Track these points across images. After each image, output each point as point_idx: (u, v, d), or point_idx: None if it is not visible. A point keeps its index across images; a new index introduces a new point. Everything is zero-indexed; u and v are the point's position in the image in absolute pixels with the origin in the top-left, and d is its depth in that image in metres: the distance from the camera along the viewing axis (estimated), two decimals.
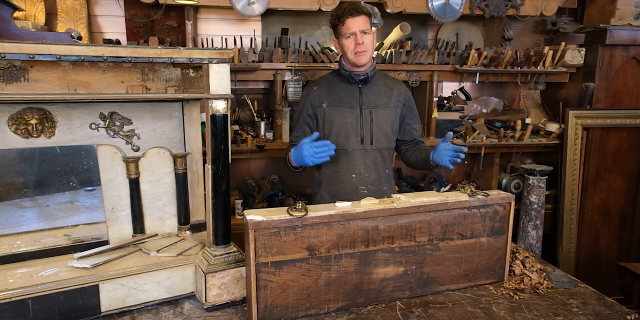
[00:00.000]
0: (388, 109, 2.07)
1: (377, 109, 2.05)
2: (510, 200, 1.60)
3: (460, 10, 3.00)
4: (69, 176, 1.65)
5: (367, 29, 1.94)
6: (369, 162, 2.07)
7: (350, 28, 1.92)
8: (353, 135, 2.04)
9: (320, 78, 2.17)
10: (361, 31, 1.92)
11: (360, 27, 1.92)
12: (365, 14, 1.94)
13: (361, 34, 1.92)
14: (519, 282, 1.63)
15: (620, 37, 3.17)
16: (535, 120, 3.53)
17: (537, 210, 3.14)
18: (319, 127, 2.09)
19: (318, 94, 2.08)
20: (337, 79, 2.10)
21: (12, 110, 1.38)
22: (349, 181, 2.07)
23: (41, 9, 2.63)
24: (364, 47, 1.94)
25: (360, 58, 1.97)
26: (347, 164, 2.06)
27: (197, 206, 1.73)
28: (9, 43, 1.13)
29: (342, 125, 2.03)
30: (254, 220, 1.28)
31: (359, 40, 1.93)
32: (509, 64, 3.11)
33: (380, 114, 2.05)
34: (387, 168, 2.14)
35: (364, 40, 1.93)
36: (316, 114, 2.08)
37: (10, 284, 1.29)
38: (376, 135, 2.05)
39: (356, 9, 1.92)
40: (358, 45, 1.94)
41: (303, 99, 2.13)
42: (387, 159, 2.14)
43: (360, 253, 1.42)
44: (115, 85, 1.45)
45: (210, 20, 3.04)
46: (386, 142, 2.09)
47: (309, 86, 2.15)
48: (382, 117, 2.06)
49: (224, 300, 1.46)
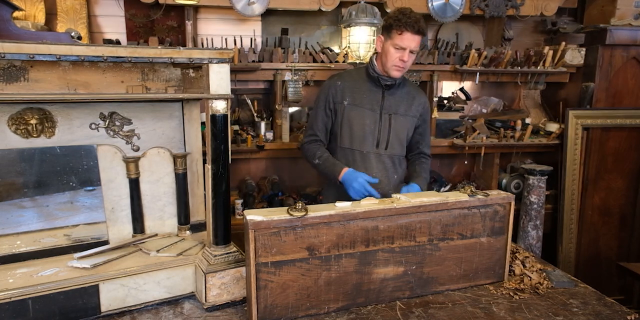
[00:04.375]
0: (407, 117, 2.07)
1: (396, 116, 2.05)
2: (510, 200, 1.60)
3: (460, 10, 3.00)
4: (69, 176, 1.65)
5: (417, 49, 1.95)
6: (381, 166, 2.08)
7: (405, 43, 1.90)
8: (370, 137, 2.04)
9: (345, 73, 2.15)
10: (411, 51, 1.92)
11: (413, 46, 1.91)
12: (424, 35, 1.93)
13: (410, 53, 1.92)
14: (519, 282, 1.63)
15: (620, 37, 3.17)
16: (535, 120, 3.53)
17: (537, 210, 3.14)
18: (336, 123, 2.07)
19: (342, 89, 2.06)
20: (363, 79, 2.08)
21: (12, 110, 1.38)
22: None
23: (41, 9, 2.63)
24: (405, 65, 1.95)
25: (396, 73, 1.97)
26: (361, 165, 2.05)
27: (197, 206, 1.73)
28: (9, 43, 1.13)
29: (360, 126, 2.03)
30: (254, 220, 1.28)
31: (405, 57, 1.92)
32: (509, 64, 3.11)
33: (399, 121, 2.05)
34: (397, 174, 2.14)
35: (409, 59, 1.93)
36: (336, 109, 2.07)
37: (10, 284, 1.29)
38: (392, 141, 2.05)
39: (421, 28, 1.90)
40: (401, 62, 1.93)
41: (325, 91, 2.10)
42: (398, 165, 2.13)
43: (360, 253, 1.42)
44: (115, 85, 1.45)
45: (210, 20, 3.04)
46: (400, 148, 2.10)
47: (332, 79, 2.12)
48: (400, 124, 2.06)
49: (224, 300, 1.46)
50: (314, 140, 2.08)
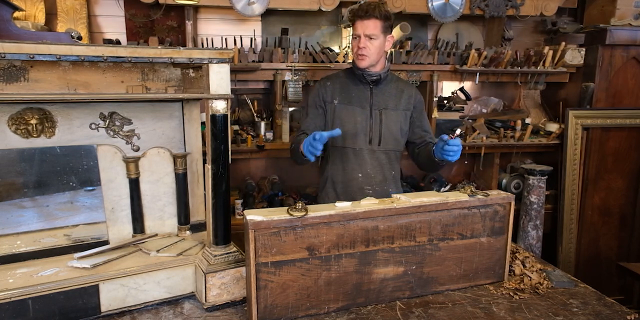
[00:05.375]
0: (398, 111, 2.07)
1: (386, 111, 2.05)
2: (510, 200, 1.60)
3: (460, 10, 3.00)
4: (69, 176, 1.65)
5: (375, 33, 1.91)
6: (375, 162, 2.07)
7: (357, 30, 1.92)
8: (362, 135, 2.03)
9: (333, 74, 2.17)
10: (366, 35, 1.91)
11: (366, 31, 1.90)
12: (377, 18, 1.90)
13: (365, 39, 1.91)
14: (519, 282, 1.63)
15: (620, 37, 3.17)
16: (535, 120, 3.53)
17: (537, 210, 3.14)
18: (328, 123, 2.08)
19: (331, 89, 2.08)
20: (350, 78, 2.10)
21: (12, 110, 1.38)
22: (355, 180, 2.08)
23: (41, 9, 2.63)
24: (364, 52, 1.93)
25: (359, 62, 1.97)
26: (355, 163, 2.06)
27: (197, 206, 1.73)
28: (9, 43, 1.13)
29: (351, 124, 2.03)
30: (254, 220, 1.28)
31: (361, 44, 1.92)
32: (509, 64, 3.11)
33: (390, 116, 2.05)
34: (394, 170, 2.14)
35: (366, 45, 1.92)
36: (326, 109, 2.08)
37: (10, 284, 1.29)
38: (384, 136, 2.05)
39: (367, 11, 1.89)
40: (359, 49, 1.94)
41: (315, 92, 2.12)
42: (394, 160, 2.13)
43: (360, 253, 1.42)
44: (115, 85, 1.45)
45: (210, 20, 3.04)
46: (394, 143, 2.09)
47: (322, 80, 2.14)
48: (391, 119, 2.05)
49: (224, 300, 1.46)
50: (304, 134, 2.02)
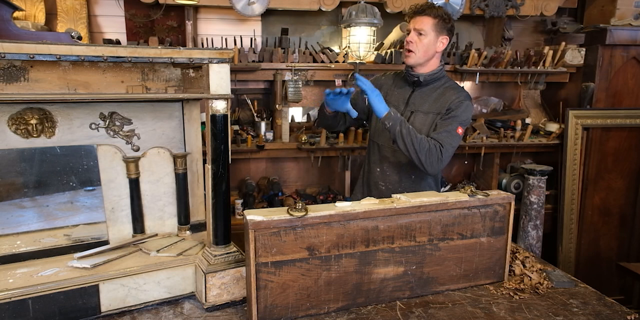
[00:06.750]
0: (428, 115, 2.00)
1: (417, 113, 2.02)
2: (510, 200, 1.60)
3: (460, 10, 3.00)
4: (69, 176, 1.65)
5: (424, 29, 1.90)
6: (395, 161, 2.09)
7: (409, 26, 1.94)
8: (387, 132, 1.98)
9: (390, 72, 2.23)
10: (416, 30, 1.90)
11: (416, 26, 1.90)
12: (430, 15, 1.90)
13: (415, 33, 1.91)
14: (519, 282, 1.63)
15: (620, 37, 3.17)
16: (535, 120, 3.53)
17: (537, 210, 3.14)
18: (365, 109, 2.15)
19: (384, 81, 2.15)
20: (400, 77, 2.13)
21: (12, 110, 1.38)
22: (374, 173, 2.14)
23: (41, 9, 2.64)
24: (411, 46, 1.92)
25: (406, 58, 1.97)
26: (377, 157, 2.13)
27: (197, 206, 1.73)
28: (9, 43, 1.13)
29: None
30: (254, 220, 1.28)
31: (409, 38, 1.92)
32: (509, 64, 3.11)
33: (418, 119, 2.01)
34: (414, 174, 2.08)
35: (414, 40, 1.91)
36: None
37: (10, 284, 1.29)
38: None
39: (422, 8, 1.91)
40: (407, 43, 1.94)
41: (376, 77, 2.22)
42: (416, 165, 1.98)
43: (360, 253, 1.42)
44: (115, 85, 1.45)
45: (210, 20, 3.04)
46: None
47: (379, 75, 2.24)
48: (418, 122, 2.00)
49: (224, 300, 1.46)
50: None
